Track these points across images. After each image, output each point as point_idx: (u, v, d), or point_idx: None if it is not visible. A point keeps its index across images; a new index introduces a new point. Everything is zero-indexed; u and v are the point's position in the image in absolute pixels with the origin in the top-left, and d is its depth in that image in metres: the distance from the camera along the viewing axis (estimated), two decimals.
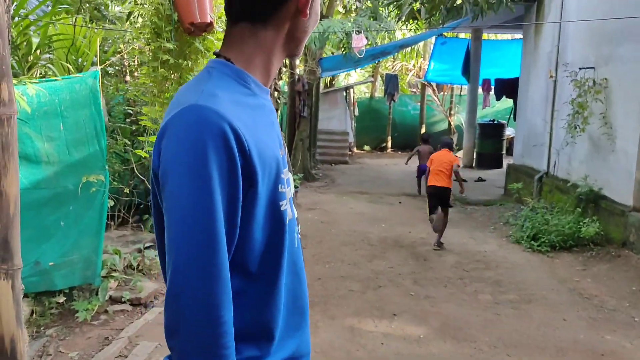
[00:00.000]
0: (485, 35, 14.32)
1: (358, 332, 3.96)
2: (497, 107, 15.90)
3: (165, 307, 0.95)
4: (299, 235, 1.22)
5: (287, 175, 1.13)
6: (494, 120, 13.80)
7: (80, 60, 5.78)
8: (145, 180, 6.15)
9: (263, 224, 1.05)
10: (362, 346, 3.72)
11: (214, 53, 1.14)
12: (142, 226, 6.08)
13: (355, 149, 16.58)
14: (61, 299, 4.16)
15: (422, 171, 9.02)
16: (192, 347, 0.93)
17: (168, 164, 0.96)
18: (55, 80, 4.27)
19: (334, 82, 18.09)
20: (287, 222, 1.09)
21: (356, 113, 16.83)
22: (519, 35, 12.40)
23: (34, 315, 3.97)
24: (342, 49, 10.16)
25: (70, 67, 5.39)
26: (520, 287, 4.95)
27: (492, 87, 13.49)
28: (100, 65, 4.50)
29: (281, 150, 1.12)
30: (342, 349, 3.67)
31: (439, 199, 6.38)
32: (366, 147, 17.40)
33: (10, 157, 1.34)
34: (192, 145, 0.94)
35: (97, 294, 4.30)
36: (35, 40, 5.21)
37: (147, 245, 5.32)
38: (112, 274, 4.61)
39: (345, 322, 4.12)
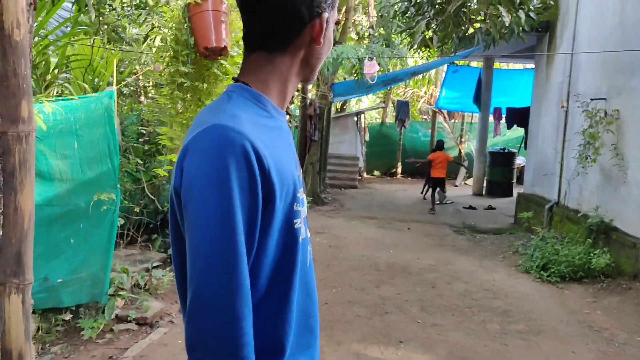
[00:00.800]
0: (497, 64, 14.40)
1: (364, 358, 3.93)
2: (508, 136, 15.89)
3: (188, 321, 0.98)
4: (312, 256, 1.24)
5: (302, 195, 1.17)
6: (504, 149, 13.79)
7: (96, 80, 5.88)
8: (156, 201, 6.19)
9: (277, 241, 1.08)
10: None
11: (233, 78, 1.19)
12: (150, 246, 6.10)
13: (365, 174, 16.58)
14: (67, 316, 4.16)
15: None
16: (215, 358, 0.96)
17: (191, 181, 0.99)
18: (72, 99, 4.35)
19: (345, 107, 18.21)
20: (300, 240, 1.12)
21: (367, 138, 16.88)
22: (531, 65, 12.47)
23: (40, 331, 3.97)
24: (355, 75, 10.26)
25: (86, 86, 5.48)
26: (529, 318, 4.88)
27: (503, 115, 13.52)
28: (116, 85, 4.58)
29: (297, 171, 1.17)
30: None
31: (437, 185, 10.82)
32: (376, 172, 17.41)
33: (27, 173, 1.37)
34: (215, 163, 0.97)
35: (103, 312, 4.30)
36: (54, 60, 5.31)
37: (155, 264, 5.33)
38: (119, 293, 4.62)
39: (351, 347, 4.09)
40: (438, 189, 10.98)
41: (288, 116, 8.30)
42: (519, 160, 14.02)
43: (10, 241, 1.36)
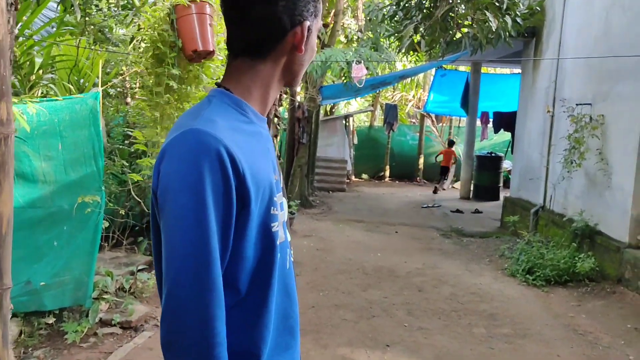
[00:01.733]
0: (484, 69, 14.49)
1: None
2: (494, 140, 15.99)
3: (162, 321, 0.99)
4: (292, 258, 1.27)
5: (281, 199, 1.19)
6: (491, 153, 13.88)
7: (82, 81, 5.83)
8: (142, 203, 6.13)
9: (254, 243, 1.10)
10: None
11: (216, 83, 1.22)
12: (136, 248, 6.04)
13: (353, 177, 16.60)
14: (50, 320, 4.11)
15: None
16: (187, 357, 0.98)
17: (167, 184, 1.02)
18: (56, 100, 4.30)
19: (333, 110, 18.23)
20: (278, 243, 1.14)
21: (355, 141, 16.88)
22: (518, 70, 12.56)
23: (22, 335, 3.91)
24: (343, 78, 10.27)
25: (72, 87, 5.43)
26: (515, 321, 4.91)
27: (491, 119, 13.60)
28: (101, 86, 4.53)
29: (275, 175, 1.19)
30: None
31: (443, 172, 14.75)
32: (364, 176, 17.42)
33: (5, 176, 1.34)
34: (189, 166, 1.00)
35: (87, 316, 4.25)
36: (39, 60, 5.26)
37: (140, 267, 5.28)
38: (104, 296, 4.57)
39: (337, 351, 4.07)
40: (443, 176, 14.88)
41: (276, 119, 8.28)
42: (506, 164, 14.11)
43: None
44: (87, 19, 5.98)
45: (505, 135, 14.32)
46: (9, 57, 1.38)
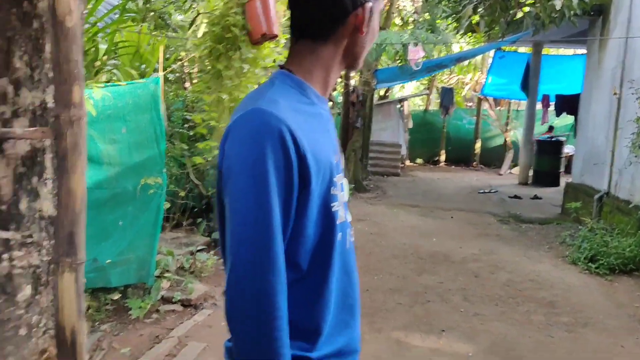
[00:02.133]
0: (546, 50, 13.93)
1: (405, 346, 3.92)
2: (555, 124, 15.41)
3: (226, 294, 1.04)
4: (352, 239, 1.28)
5: (341, 180, 1.21)
6: (552, 137, 13.40)
7: (143, 66, 6.00)
8: (200, 185, 6.30)
9: (315, 223, 1.12)
10: None
11: (279, 65, 1.25)
12: (195, 229, 6.23)
13: (407, 162, 16.42)
14: (116, 296, 4.30)
15: None
16: (248, 328, 1.02)
17: (231, 163, 1.06)
18: (120, 85, 4.45)
19: (388, 94, 18.03)
20: (338, 222, 1.17)
21: (410, 125, 16.67)
22: (582, 50, 12.03)
23: (90, 310, 4.12)
24: (398, 61, 10.14)
25: (134, 73, 5.60)
26: (576, 310, 4.76)
27: (552, 103, 13.10)
28: (162, 72, 4.66)
29: (336, 156, 1.20)
30: None
31: None
32: (419, 160, 17.20)
33: (78, 156, 1.41)
34: (252, 145, 1.03)
35: (149, 293, 4.42)
36: (103, 47, 5.44)
37: (199, 248, 5.44)
38: (165, 275, 4.74)
39: (392, 335, 4.08)
40: None
41: (330, 103, 8.29)
42: (567, 149, 13.60)
43: (63, 222, 1.42)
44: (147, 5, 6.14)
45: (566, 119, 13.77)
46: (81, 42, 1.44)
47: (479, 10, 6.92)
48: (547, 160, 12.77)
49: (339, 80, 10.62)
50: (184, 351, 3.72)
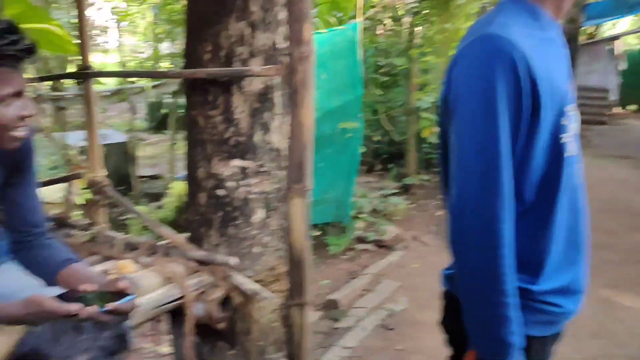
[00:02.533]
0: None
1: (614, 305, 3.61)
2: None
3: (450, 220, 1.06)
4: (582, 174, 1.21)
5: (572, 110, 1.13)
6: None
7: (340, 14, 6.15)
8: (392, 131, 6.38)
9: (542, 153, 1.07)
10: (619, 320, 3.39)
11: None
12: (386, 174, 6.37)
13: (617, 108, 14.64)
14: (317, 233, 4.62)
15: None
16: (475, 258, 1.02)
17: (458, 88, 1.04)
18: (320, 32, 4.63)
19: (596, 33, 16.09)
20: (566, 155, 1.10)
21: (623, 67, 14.72)
22: None
23: None
24: None
25: (332, 20, 5.78)
26: None
27: None
28: (361, 17, 4.72)
29: (568, 85, 1.12)
30: (594, 319, 3.40)
31: None
32: (631, 107, 15.23)
33: (307, 91, 1.52)
34: (482, 70, 1.01)
35: (345, 232, 4.68)
36: None
37: (391, 192, 5.56)
38: (360, 216, 4.95)
39: (599, 293, 3.78)
40: None
41: None
42: None
43: (294, 152, 1.56)
44: None
45: None
46: None
47: None
48: None
49: None
50: (380, 287, 3.89)
